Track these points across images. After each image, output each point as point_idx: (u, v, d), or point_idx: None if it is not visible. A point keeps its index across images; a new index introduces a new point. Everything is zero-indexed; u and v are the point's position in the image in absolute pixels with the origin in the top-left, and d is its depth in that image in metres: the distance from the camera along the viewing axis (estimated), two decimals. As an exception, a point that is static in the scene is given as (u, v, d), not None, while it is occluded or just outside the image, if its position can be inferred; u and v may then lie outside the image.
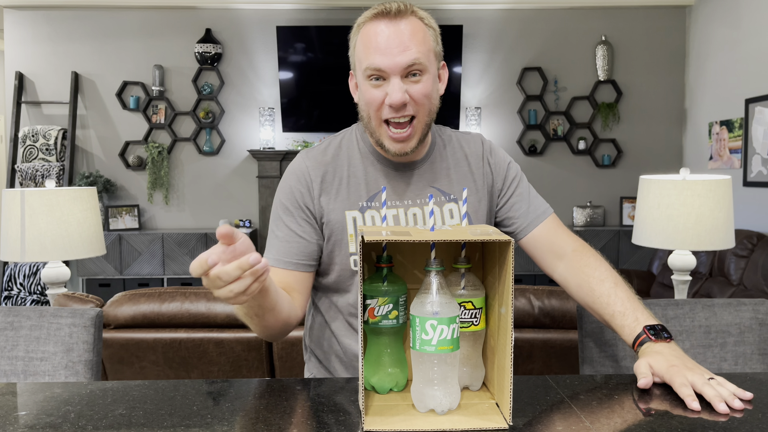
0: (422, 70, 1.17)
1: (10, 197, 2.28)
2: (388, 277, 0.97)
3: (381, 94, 1.18)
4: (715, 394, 0.93)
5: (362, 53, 1.20)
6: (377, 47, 1.16)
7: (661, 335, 1.07)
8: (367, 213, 1.26)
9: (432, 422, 0.87)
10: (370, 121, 1.22)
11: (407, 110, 1.18)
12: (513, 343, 0.89)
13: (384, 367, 0.98)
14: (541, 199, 1.36)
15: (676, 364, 1.00)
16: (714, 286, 3.82)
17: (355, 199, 1.26)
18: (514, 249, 0.87)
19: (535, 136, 5.32)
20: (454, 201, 1.29)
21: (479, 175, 1.32)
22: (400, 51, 1.14)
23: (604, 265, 1.23)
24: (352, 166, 1.29)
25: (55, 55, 5.17)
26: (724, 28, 4.65)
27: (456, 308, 0.89)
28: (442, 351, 0.87)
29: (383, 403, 0.94)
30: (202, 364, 2.10)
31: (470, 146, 1.35)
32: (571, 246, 1.29)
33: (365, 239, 0.87)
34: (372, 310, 0.96)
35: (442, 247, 1.01)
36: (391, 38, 1.15)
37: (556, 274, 1.30)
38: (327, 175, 1.27)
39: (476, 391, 0.99)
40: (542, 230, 1.31)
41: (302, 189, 1.27)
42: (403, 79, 1.16)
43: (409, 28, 1.16)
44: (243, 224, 5.25)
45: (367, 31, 1.19)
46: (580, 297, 1.24)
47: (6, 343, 1.32)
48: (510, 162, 1.36)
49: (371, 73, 1.17)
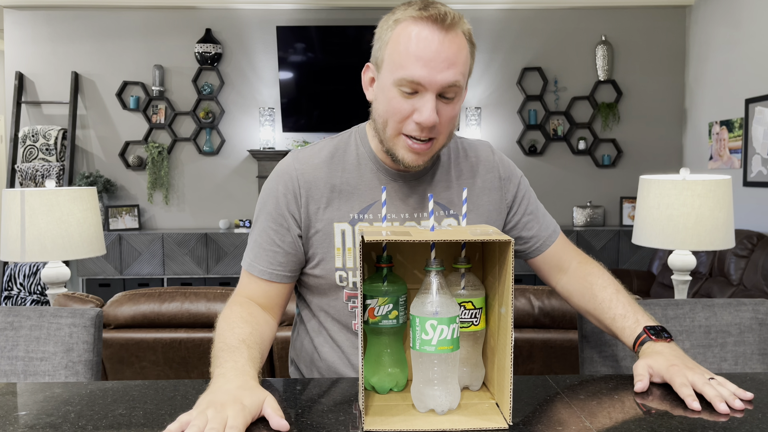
0: (457, 92, 1.07)
1: (10, 197, 2.28)
2: (388, 277, 0.97)
3: (410, 107, 1.06)
4: (716, 393, 0.93)
5: (399, 56, 1.05)
6: (421, 57, 1.03)
7: (662, 335, 1.08)
8: (357, 226, 1.16)
9: (432, 422, 0.87)
10: (386, 128, 1.11)
11: (432, 132, 1.08)
12: (513, 343, 0.89)
13: (384, 367, 0.98)
14: (549, 216, 1.35)
15: (677, 364, 1.00)
16: (714, 286, 3.82)
17: (346, 211, 1.17)
18: (513, 249, 0.87)
19: (535, 136, 5.32)
20: (454, 216, 1.21)
21: (485, 193, 1.24)
22: (444, 68, 1.03)
23: (606, 275, 1.25)
24: (346, 172, 1.18)
25: (55, 55, 5.17)
26: (724, 28, 4.65)
27: (456, 308, 0.89)
28: (442, 351, 0.87)
29: (383, 403, 0.94)
30: (202, 364, 2.10)
31: (478, 156, 1.26)
32: (576, 260, 1.30)
33: (365, 239, 0.87)
34: (372, 310, 0.96)
35: (442, 247, 1.00)
36: (438, 52, 1.02)
37: (559, 286, 1.31)
38: (317, 181, 1.17)
39: (476, 391, 0.99)
40: (551, 251, 1.30)
41: (288, 196, 1.17)
42: (437, 98, 1.06)
43: (456, 44, 1.04)
44: (243, 224, 5.25)
45: (409, 31, 1.04)
46: (582, 304, 1.25)
47: (6, 343, 1.32)
48: (521, 177, 1.30)
49: (407, 84, 1.04)
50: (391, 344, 0.99)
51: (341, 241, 1.17)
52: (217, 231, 5.08)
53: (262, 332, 1.10)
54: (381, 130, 1.12)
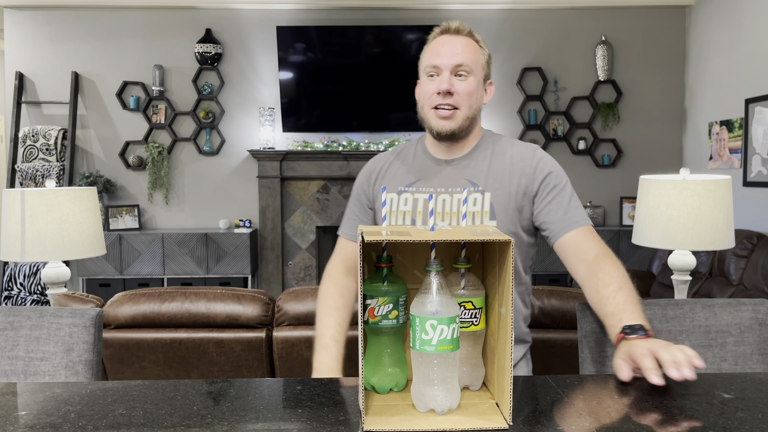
0: (468, 72, 1.40)
1: (10, 197, 2.28)
2: (388, 277, 0.97)
3: (434, 86, 1.40)
4: (670, 359, 0.97)
5: (425, 58, 1.44)
6: (437, 52, 1.42)
7: (638, 332, 1.10)
8: (402, 196, 1.46)
9: (432, 422, 0.87)
10: (423, 107, 1.44)
11: (452, 99, 1.39)
12: (513, 344, 0.89)
13: (384, 367, 0.98)
14: (581, 211, 1.41)
15: (641, 346, 1.04)
16: (714, 286, 3.82)
17: (396, 184, 1.48)
18: (513, 249, 0.87)
19: (535, 136, 5.32)
20: (481, 192, 1.42)
21: (517, 176, 1.43)
22: (453, 54, 1.40)
23: (617, 271, 1.27)
24: (406, 159, 1.52)
25: (55, 55, 5.17)
26: (724, 28, 4.65)
27: (456, 308, 0.89)
28: (442, 351, 0.87)
29: (383, 403, 0.94)
30: (202, 364, 2.10)
31: (519, 150, 1.47)
32: (595, 252, 1.33)
33: (365, 239, 0.87)
34: (372, 310, 0.96)
35: (442, 247, 1.01)
36: (447, 46, 1.41)
37: (578, 276, 1.36)
38: (386, 167, 1.53)
39: (476, 391, 0.99)
40: (571, 236, 1.37)
41: (364, 179, 1.55)
42: (452, 75, 1.39)
43: (463, 42, 1.42)
44: (243, 224, 5.25)
45: (431, 44, 1.45)
46: (590, 298, 1.30)
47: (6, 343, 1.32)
48: (553, 172, 1.44)
49: (429, 70, 1.42)
50: (391, 344, 0.99)
51: (389, 207, 1.46)
52: (217, 231, 5.08)
53: (349, 305, 1.46)
54: (421, 112, 1.46)
